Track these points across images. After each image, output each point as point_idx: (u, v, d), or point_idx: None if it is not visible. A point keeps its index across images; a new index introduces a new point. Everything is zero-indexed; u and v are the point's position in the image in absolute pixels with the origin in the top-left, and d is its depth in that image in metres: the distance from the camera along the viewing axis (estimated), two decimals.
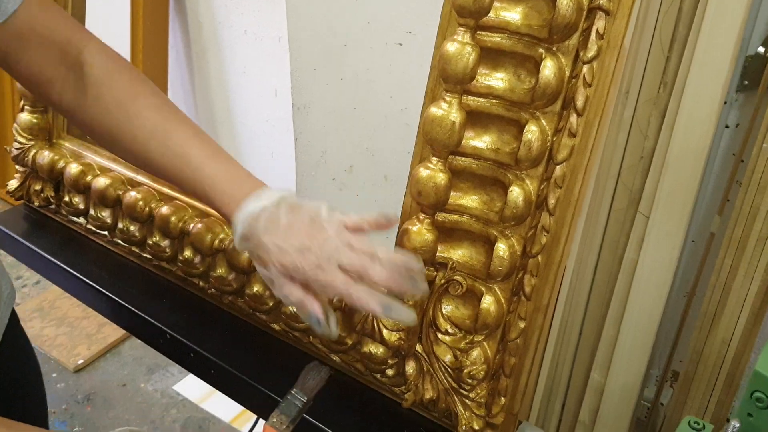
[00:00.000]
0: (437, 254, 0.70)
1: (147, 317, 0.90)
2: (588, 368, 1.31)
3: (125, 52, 1.95)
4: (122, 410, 1.92)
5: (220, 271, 0.87)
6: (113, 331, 2.13)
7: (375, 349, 0.76)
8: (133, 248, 0.97)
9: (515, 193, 0.65)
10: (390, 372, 0.76)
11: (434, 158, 0.65)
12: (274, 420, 0.65)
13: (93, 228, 1.01)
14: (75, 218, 1.03)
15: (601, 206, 1.20)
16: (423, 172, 0.66)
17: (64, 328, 2.16)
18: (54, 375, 2.02)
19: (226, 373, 0.83)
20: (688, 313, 1.29)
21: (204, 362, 0.85)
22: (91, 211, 0.99)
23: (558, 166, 0.64)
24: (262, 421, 0.68)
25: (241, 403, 0.85)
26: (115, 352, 2.12)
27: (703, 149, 1.10)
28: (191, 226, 0.85)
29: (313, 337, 0.83)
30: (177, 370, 2.05)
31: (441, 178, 0.65)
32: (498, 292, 0.69)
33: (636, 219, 1.18)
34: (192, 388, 1.97)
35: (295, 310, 0.82)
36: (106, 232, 1.00)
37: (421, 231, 0.67)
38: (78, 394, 1.97)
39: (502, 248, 0.67)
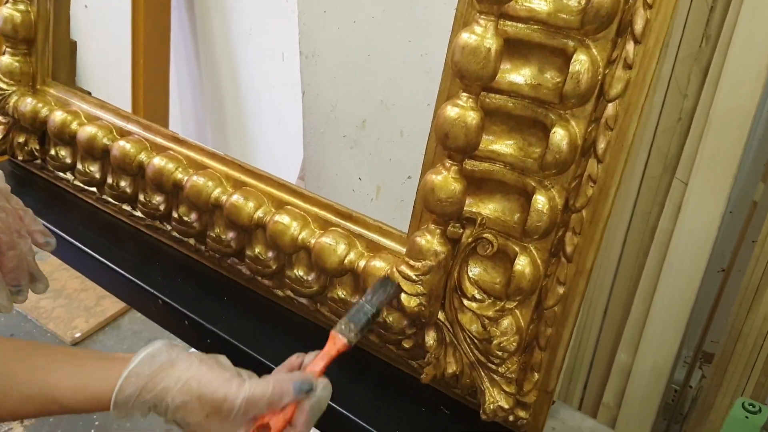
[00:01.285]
0: (465, 208, 0.60)
1: (138, 281, 0.82)
2: (614, 347, 1.22)
3: (126, 13, 1.86)
4: None
5: (218, 230, 0.78)
6: (112, 305, 2.06)
7: (390, 317, 0.68)
8: (124, 206, 0.89)
9: (559, 135, 0.56)
10: (407, 343, 0.68)
11: (464, 94, 0.56)
12: (342, 327, 0.60)
13: (81, 184, 0.92)
14: (62, 174, 0.95)
15: (633, 172, 1.11)
16: (451, 111, 0.56)
17: (61, 300, 2.09)
18: None
19: (224, 342, 0.75)
20: (724, 289, 1.20)
21: (199, 330, 0.77)
22: (79, 165, 0.90)
23: (610, 104, 0.55)
24: None
25: None
26: (114, 326, 2.05)
27: (750, 110, 1.00)
28: (186, 178, 0.76)
29: (321, 304, 0.75)
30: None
31: (472, 117, 0.56)
32: (534, 252, 0.60)
33: (672, 186, 1.08)
34: None
35: (300, 275, 0.74)
36: (94, 189, 0.91)
37: (447, 180, 0.58)
38: None
39: (540, 201, 0.58)
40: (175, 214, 0.82)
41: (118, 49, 1.97)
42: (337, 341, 0.59)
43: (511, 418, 0.64)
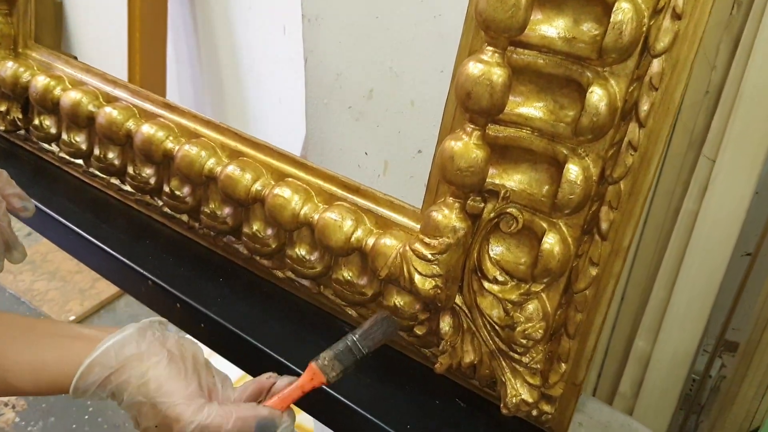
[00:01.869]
0: (487, 180, 0.54)
1: (127, 261, 0.76)
2: (631, 334, 1.16)
3: None
4: None
5: (213, 205, 0.72)
6: (108, 287, 2.01)
7: (401, 300, 0.61)
8: (112, 180, 0.82)
9: (596, 95, 0.49)
10: (420, 330, 0.62)
11: (489, 48, 0.49)
12: (325, 363, 0.54)
13: (67, 156, 0.86)
14: (47, 145, 0.88)
15: None
16: (474, 68, 0.49)
17: (56, 282, 2.03)
18: None
19: (219, 327, 0.69)
20: (749, 275, 1.13)
21: (193, 314, 0.71)
22: (64, 136, 0.84)
23: (655, 60, 0.48)
24: None
25: (235, 363, 0.71)
26: (109, 309, 1.99)
27: None
28: (177, 148, 0.70)
29: (324, 287, 0.69)
30: (175, 329, 1.91)
31: (498, 74, 0.49)
32: (564, 229, 0.54)
33: (698, 164, 1.02)
34: None
35: (302, 254, 0.67)
36: (81, 161, 0.85)
37: (468, 147, 0.52)
38: None
39: (573, 171, 0.51)
40: (166, 188, 0.75)
41: (114, 22, 1.90)
42: (315, 377, 0.53)
43: (534, 412, 0.58)
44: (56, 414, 1.66)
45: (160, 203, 0.78)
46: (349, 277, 0.64)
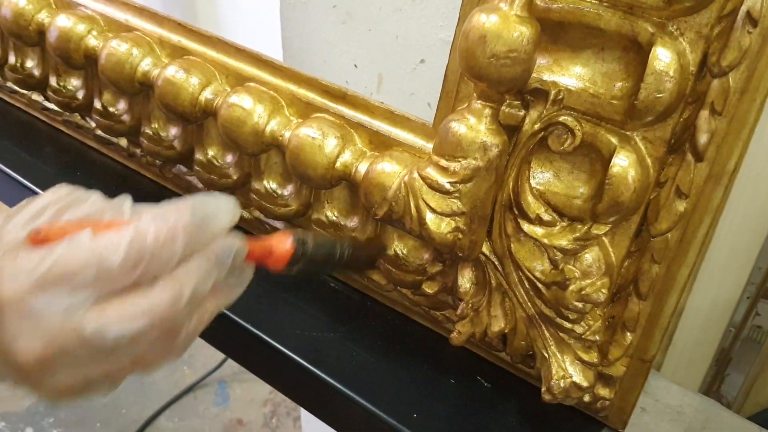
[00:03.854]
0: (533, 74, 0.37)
1: None
2: None
3: None
4: None
5: (156, 125, 0.55)
6: None
7: (404, 247, 0.46)
8: (34, 96, 0.65)
9: None
10: (430, 287, 0.46)
11: None
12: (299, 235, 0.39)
13: None
14: None
15: None
16: None
17: None
18: None
19: None
20: None
21: None
22: None
23: None
24: None
25: None
26: None
27: None
28: (101, 45, 0.52)
29: (303, 231, 0.52)
30: None
31: None
32: (642, 145, 0.37)
33: None
34: None
35: (272, 188, 0.51)
36: None
37: (507, 22, 0.35)
38: None
39: (663, 56, 0.34)
40: (97, 104, 0.58)
41: None
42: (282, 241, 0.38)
43: (587, 398, 0.43)
44: None
45: (93, 124, 0.61)
46: (334, 218, 0.48)
